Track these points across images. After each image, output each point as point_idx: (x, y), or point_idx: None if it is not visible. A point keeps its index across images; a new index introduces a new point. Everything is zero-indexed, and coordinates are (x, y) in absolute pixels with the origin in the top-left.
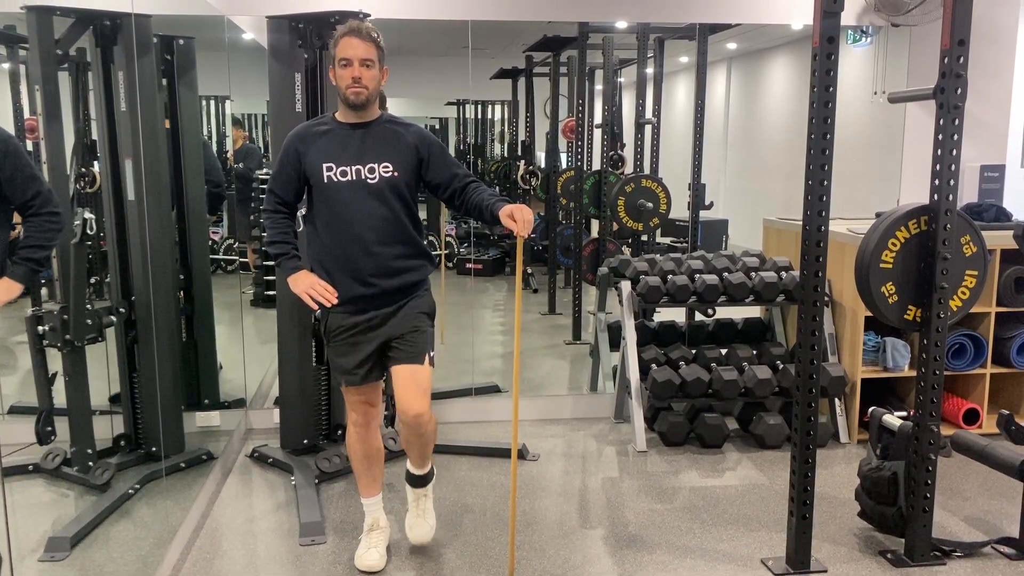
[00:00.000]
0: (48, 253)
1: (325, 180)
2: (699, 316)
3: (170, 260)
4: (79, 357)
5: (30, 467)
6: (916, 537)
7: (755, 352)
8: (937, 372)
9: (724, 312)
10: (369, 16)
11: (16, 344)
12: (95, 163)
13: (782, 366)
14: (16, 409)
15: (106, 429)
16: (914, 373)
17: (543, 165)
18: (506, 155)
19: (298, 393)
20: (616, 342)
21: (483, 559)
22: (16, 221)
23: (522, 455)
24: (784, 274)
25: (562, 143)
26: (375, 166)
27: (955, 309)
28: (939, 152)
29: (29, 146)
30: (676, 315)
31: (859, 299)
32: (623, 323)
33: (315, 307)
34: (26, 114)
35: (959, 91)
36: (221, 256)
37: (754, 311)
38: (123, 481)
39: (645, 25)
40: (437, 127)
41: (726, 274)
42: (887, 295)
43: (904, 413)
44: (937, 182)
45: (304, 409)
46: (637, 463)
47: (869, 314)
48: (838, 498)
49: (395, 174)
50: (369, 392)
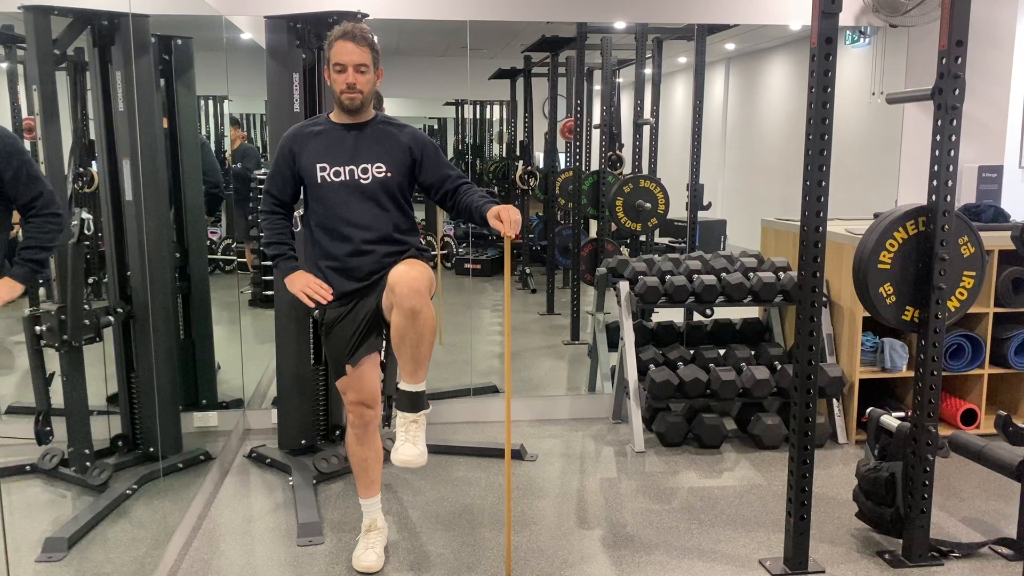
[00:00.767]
0: (49, 254)
1: (319, 180)
2: (697, 316)
3: (168, 260)
4: (77, 357)
5: (27, 467)
6: (914, 538)
7: (753, 353)
8: (935, 373)
9: (722, 312)
10: (367, 16)
11: (14, 344)
12: (93, 163)
13: (780, 366)
14: (14, 409)
15: (104, 429)
16: (912, 374)
17: (541, 165)
18: (504, 155)
19: (296, 393)
20: (614, 342)
21: (480, 559)
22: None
23: (520, 455)
24: (782, 274)
25: (560, 143)
26: (368, 166)
27: (953, 310)
28: (937, 153)
29: (27, 146)
30: (674, 315)
31: (857, 300)
32: (621, 323)
33: (312, 305)
34: (24, 114)
35: (957, 92)
36: (219, 256)
37: (752, 311)
38: (121, 481)
39: (643, 25)
40: (435, 127)
41: (724, 274)
42: (885, 296)
43: (902, 414)
44: (935, 183)
45: (302, 409)
46: (635, 463)
47: (867, 315)
48: (836, 499)
49: (388, 174)
50: (365, 383)
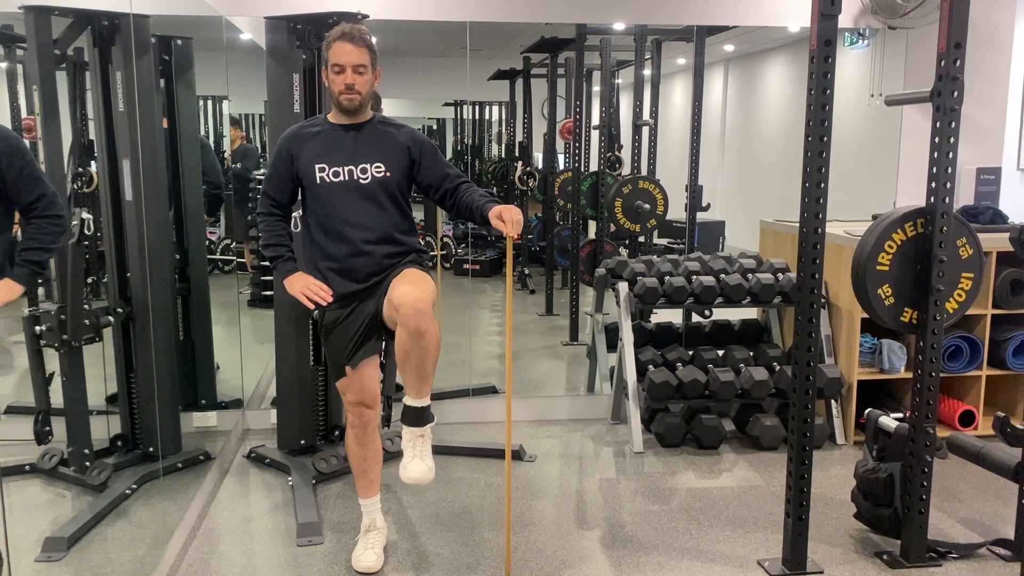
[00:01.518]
0: (50, 255)
1: (318, 181)
2: (696, 317)
3: (168, 260)
4: (76, 357)
5: (27, 467)
6: (912, 538)
7: (752, 354)
8: (933, 374)
9: (721, 313)
10: (367, 17)
11: (13, 344)
12: (92, 163)
13: (779, 368)
14: (13, 409)
15: (103, 429)
16: (910, 375)
17: (541, 166)
18: (503, 156)
19: (295, 393)
20: (613, 343)
21: (480, 559)
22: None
23: (519, 456)
24: (781, 276)
25: (560, 144)
26: (367, 166)
27: (951, 311)
28: (936, 155)
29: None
30: (673, 316)
31: (855, 301)
32: (620, 324)
33: (311, 307)
34: (23, 114)
35: (956, 94)
36: (218, 256)
37: (751, 313)
38: (120, 481)
39: (643, 27)
40: (434, 128)
41: (723, 275)
42: (884, 297)
43: (900, 415)
44: (934, 184)
45: (301, 410)
46: (634, 464)
47: (865, 316)
48: (834, 499)
49: (387, 174)
50: (366, 380)
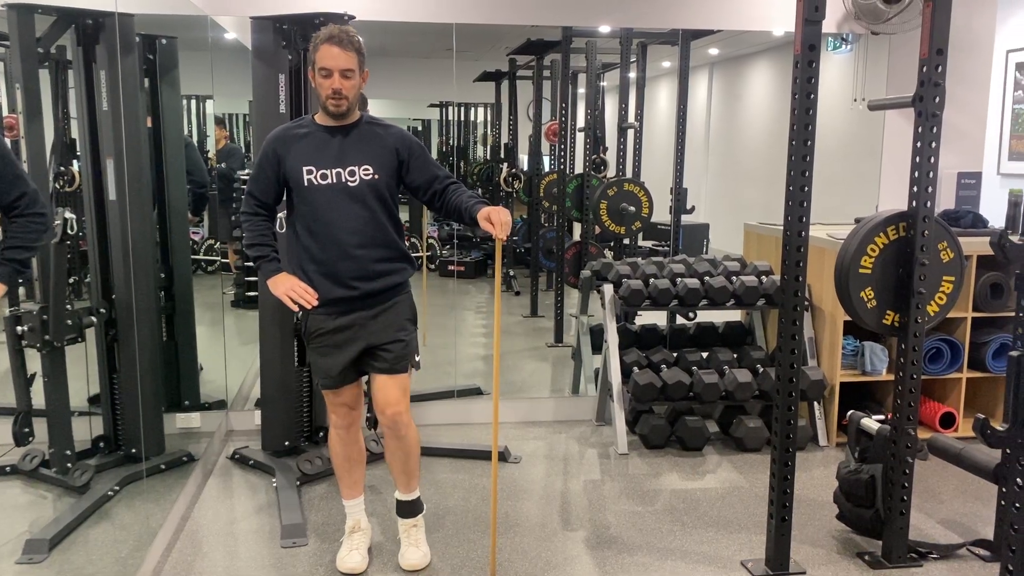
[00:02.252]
0: (33, 254)
1: (305, 183)
2: (680, 320)
3: (151, 260)
4: (58, 358)
5: (7, 469)
6: (893, 539)
7: (736, 356)
8: (914, 376)
9: (705, 316)
10: (354, 18)
11: None
12: (74, 162)
13: (762, 370)
14: None
15: (85, 430)
16: (892, 377)
17: (526, 168)
18: (489, 158)
19: (280, 395)
20: (598, 345)
21: (465, 561)
22: None
23: (504, 457)
24: (764, 278)
25: (545, 146)
26: (355, 168)
27: (932, 314)
28: (918, 159)
29: (8, 144)
30: (658, 319)
31: (838, 304)
32: (605, 326)
33: (296, 309)
34: (5, 112)
35: (937, 99)
36: (202, 256)
37: (735, 315)
38: (102, 483)
39: (628, 30)
40: (420, 129)
41: (707, 278)
42: (866, 300)
43: (882, 417)
44: (915, 189)
45: (286, 411)
46: (618, 465)
47: (848, 319)
48: (817, 501)
49: (375, 176)
50: (348, 394)
